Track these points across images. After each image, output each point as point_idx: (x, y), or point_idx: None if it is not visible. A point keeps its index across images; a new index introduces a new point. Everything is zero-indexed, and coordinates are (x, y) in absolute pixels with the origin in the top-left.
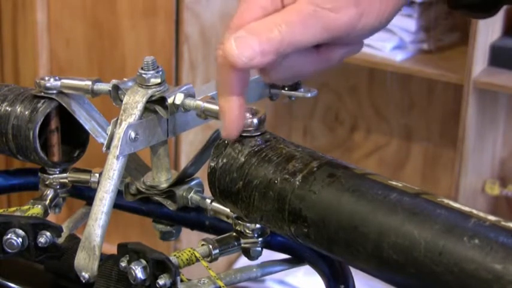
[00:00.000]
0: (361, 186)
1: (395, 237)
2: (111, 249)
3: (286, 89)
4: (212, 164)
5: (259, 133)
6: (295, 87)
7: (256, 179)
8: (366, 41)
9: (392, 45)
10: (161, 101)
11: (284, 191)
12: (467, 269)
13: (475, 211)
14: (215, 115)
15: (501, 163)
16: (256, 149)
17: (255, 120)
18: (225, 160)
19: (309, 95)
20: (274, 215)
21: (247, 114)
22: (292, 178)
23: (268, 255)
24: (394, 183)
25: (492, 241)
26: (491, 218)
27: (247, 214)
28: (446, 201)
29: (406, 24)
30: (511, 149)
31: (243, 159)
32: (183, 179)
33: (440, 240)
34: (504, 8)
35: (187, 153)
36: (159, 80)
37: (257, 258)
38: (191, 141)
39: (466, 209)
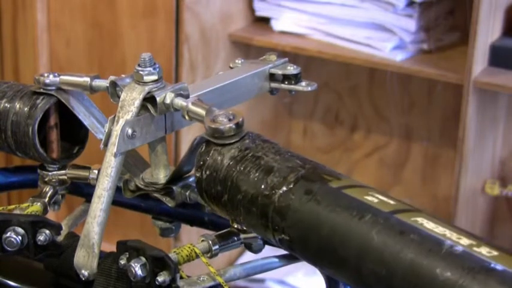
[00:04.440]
0: (337, 205)
1: (373, 265)
2: (111, 248)
3: (286, 83)
4: (197, 175)
5: (237, 139)
6: (295, 81)
7: (239, 194)
8: (366, 41)
9: (392, 45)
10: (153, 99)
11: (266, 207)
12: None
13: (448, 232)
14: (197, 118)
15: (501, 163)
16: (236, 158)
17: (233, 126)
18: (208, 172)
19: (309, 88)
20: (260, 230)
21: (224, 120)
22: (271, 195)
23: (268, 252)
24: (369, 198)
25: (464, 274)
26: (464, 242)
27: (239, 224)
28: (420, 220)
29: (406, 24)
30: (511, 149)
31: (224, 172)
32: (180, 175)
33: (414, 272)
34: (504, 7)
35: None
36: (156, 77)
37: (260, 251)
38: (191, 140)
39: (440, 230)
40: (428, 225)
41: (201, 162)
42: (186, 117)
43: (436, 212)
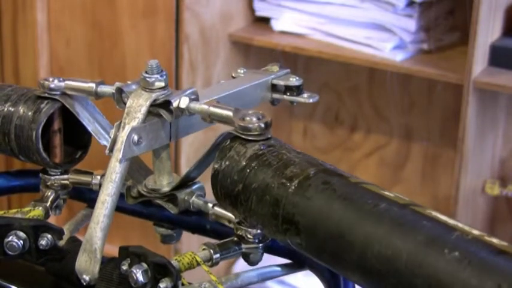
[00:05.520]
0: (353, 194)
1: (379, 247)
2: (112, 249)
3: (288, 94)
4: (216, 166)
5: (263, 138)
6: (297, 93)
7: (254, 183)
8: (366, 41)
9: (392, 45)
10: (166, 104)
11: (279, 195)
12: (444, 282)
13: (460, 224)
14: (221, 119)
15: (501, 163)
16: (258, 153)
17: (262, 125)
18: (227, 163)
19: (311, 100)
20: (269, 219)
21: (253, 119)
22: (288, 183)
23: (268, 258)
24: (386, 193)
25: (472, 255)
26: (475, 232)
27: (246, 218)
28: (434, 213)
29: (406, 24)
30: (511, 149)
31: (244, 163)
32: (185, 182)
33: (421, 252)
34: (504, 7)
35: (187, 154)
36: (163, 84)
37: (257, 263)
38: (191, 143)
39: (452, 222)
40: (442, 217)
41: (223, 154)
42: (207, 120)
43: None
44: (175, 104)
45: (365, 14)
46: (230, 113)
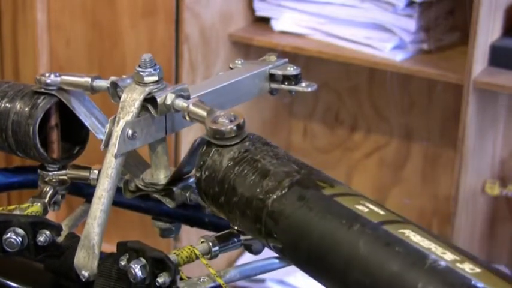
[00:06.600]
0: (327, 213)
1: (359, 274)
2: (111, 249)
3: (286, 83)
4: (197, 175)
5: (238, 140)
6: (295, 82)
7: (235, 196)
8: (366, 41)
9: (392, 45)
10: (153, 100)
11: (259, 212)
12: None
13: (433, 246)
14: (198, 118)
15: (501, 163)
16: (235, 160)
17: (234, 127)
18: (207, 173)
19: (309, 89)
20: (254, 232)
21: (225, 121)
22: (265, 199)
23: (268, 253)
24: (360, 208)
25: None
26: (449, 257)
27: (234, 226)
28: (407, 233)
29: (406, 24)
30: (511, 149)
31: (222, 173)
32: (180, 176)
33: (397, 284)
34: (504, 7)
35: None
36: (156, 78)
37: (260, 252)
38: (191, 141)
39: (426, 243)
40: (415, 238)
41: (201, 163)
42: (187, 118)
43: (436, 212)
44: (160, 100)
45: (365, 14)
46: (205, 114)
